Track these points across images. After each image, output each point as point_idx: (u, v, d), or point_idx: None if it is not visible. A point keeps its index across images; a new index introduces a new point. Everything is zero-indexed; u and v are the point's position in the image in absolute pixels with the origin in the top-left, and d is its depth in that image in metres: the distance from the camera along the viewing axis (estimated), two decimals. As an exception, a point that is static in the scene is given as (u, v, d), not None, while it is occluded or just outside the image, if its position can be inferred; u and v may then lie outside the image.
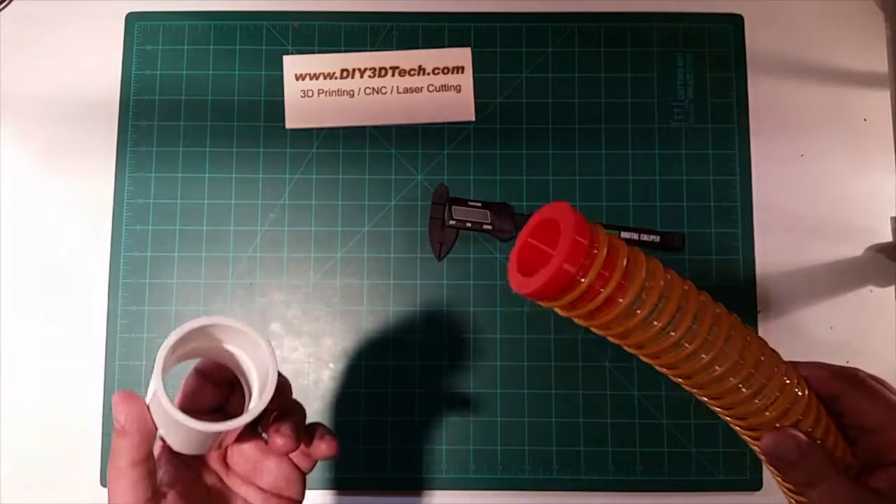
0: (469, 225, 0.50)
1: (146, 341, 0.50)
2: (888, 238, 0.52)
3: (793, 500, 0.28)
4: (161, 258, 0.51)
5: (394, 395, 0.50)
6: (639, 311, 0.25)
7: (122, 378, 0.50)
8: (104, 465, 0.49)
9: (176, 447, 0.29)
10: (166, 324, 0.50)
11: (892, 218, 0.52)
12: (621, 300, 0.25)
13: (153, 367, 0.26)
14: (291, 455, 0.31)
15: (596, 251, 0.25)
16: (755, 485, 0.49)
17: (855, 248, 0.52)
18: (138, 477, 0.27)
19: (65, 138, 0.53)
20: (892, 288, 0.52)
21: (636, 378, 0.50)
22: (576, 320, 0.27)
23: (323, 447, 0.31)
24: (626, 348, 0.27)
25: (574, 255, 0.24)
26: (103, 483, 0.49)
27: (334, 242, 0.52)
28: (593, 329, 0.27)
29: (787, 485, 0.28)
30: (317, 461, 0.31)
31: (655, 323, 0.25)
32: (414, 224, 0.52)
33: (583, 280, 0.25)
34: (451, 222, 0.51)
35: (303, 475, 0.31)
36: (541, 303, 0.27)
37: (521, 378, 0.50)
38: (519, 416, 0.50)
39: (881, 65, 0.54)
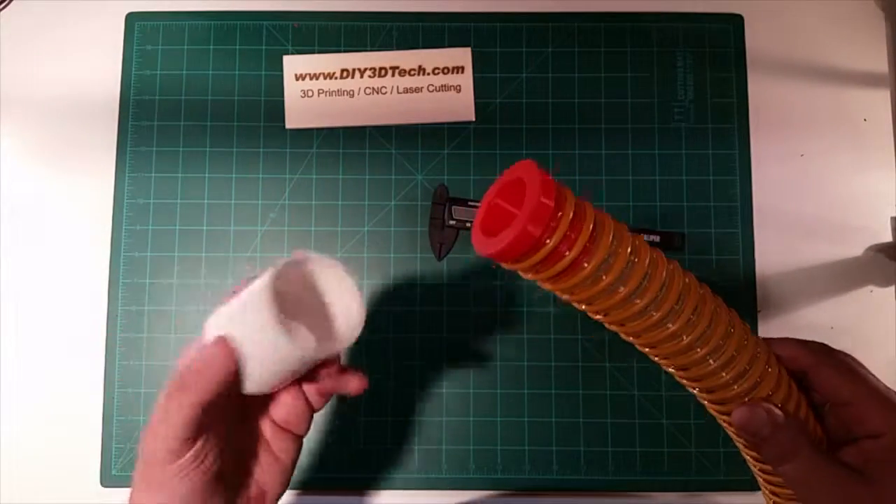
0: (469, 225, 0.50)
1: (146, 341, 0.50)
2: (888, 238, 0.52)
3: (762, 480, 0.28)
4: (161, 258, 0.51)
5: (394, 394, 0.50)
6: (605, 277, 0.24)
7: (122, 378, 0.50)
8: (104, 465, 0.49)
9: (250, 386, 0.29)
10: (166, 324, 0.50)
11: (892, 218, 0.52)
12: (587, 264, 0.24)
13: (256, 305, 0.28)
14: (308, 394, 0.32)
15: (562, 213, 0.24)
16: (755, 485, 0.49)
17: (855, 248, 0.52)
18: (194, 415, 0.27)
19: (65, 138, 0.53)
20: (892, 288, 0.52)
21: (636, 378, 0.50)
22: (540, 284, 0.26)
23: (355, 382, 0.32)
24: (590, 315, 0.26)
25: (538, 216, 0.23)
26: (103, 483, 0.49)
27: (334, 242, 0.52)
28: (559, 294, 0.26)
29: (757, 463, 0.27)
30: (327, 401, 0.33)
31: (622, 289, 0.24)
32: (414, 224, 0.52)
33: (548, 242, 0.24)
34: (451, 222, 0.51)
35: (312, 413, 0.33)
36: (503, 265, 0.26)
37: (521, 378, 0.50)
38: (519, 416, 0.50)
39: (881, 65, 0.54)
